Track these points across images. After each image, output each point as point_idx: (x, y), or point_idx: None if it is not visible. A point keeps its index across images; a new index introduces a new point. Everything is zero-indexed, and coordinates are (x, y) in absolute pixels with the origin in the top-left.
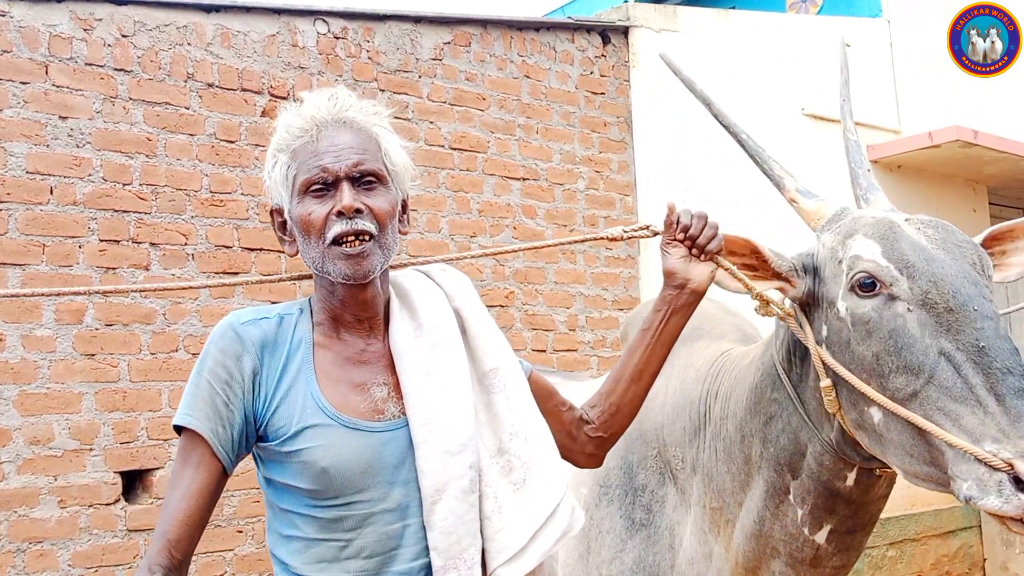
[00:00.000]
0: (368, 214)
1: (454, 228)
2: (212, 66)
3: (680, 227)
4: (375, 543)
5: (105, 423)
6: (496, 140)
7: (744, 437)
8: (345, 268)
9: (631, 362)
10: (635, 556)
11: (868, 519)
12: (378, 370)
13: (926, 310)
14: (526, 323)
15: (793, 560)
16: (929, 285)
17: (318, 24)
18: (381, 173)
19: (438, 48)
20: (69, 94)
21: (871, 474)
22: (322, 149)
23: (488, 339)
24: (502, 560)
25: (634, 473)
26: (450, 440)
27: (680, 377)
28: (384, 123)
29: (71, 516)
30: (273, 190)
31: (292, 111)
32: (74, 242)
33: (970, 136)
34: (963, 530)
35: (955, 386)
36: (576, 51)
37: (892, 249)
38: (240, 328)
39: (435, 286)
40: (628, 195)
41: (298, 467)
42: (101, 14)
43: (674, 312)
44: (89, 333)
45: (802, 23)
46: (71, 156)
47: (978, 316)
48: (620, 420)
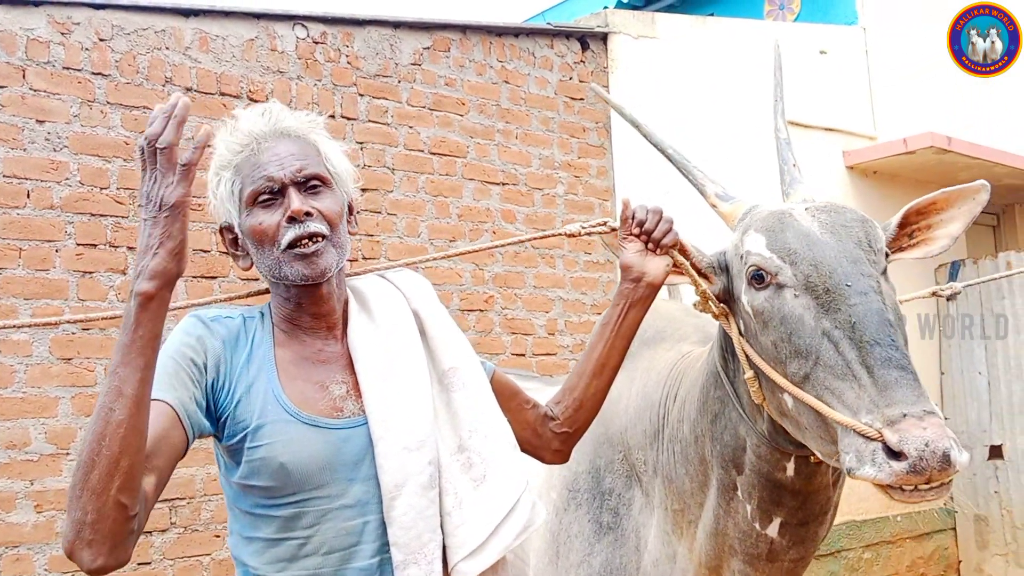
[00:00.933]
0: (318, 216)
1: (433, 232)
2: (190, 70)
3: (636, 222)
4: (334, 539)
5: (82, 428)
6: (475, 145)
7: (697, 438)
8: (302, 269)
9: (592, 357)
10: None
11: (818, 509)
12: (336, 369)
13: (809, 293)
14: (505, 327)
15: (749, 556)
16: (810, 269)
17: (297, 29)
18: (325, 176)
19: (417, 53)
20: (46, 98)
21: (808, 462)
22: (264, 160)
23: (447, 339)
24: (463, 555)
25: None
26: (408, 437)
27: (642, 380)
28: (320, 129)
29: (47, 521)
30: (220, 208)
31: (228, 129)
32: (51, 246)
33: (944, 142)
34: (938, 532)
35: (836, 364)
36: (555, 57)
37: (776, 240)
38: (207, 321)
39: (394, 288)
40: (607, 200)
41: (257, 464)
42: (79, 18)
43: (632, 305)
44: (66, 338)
45: (779, 30)
46: (48, 160)
47: (852, 292)
48: (584, 415)
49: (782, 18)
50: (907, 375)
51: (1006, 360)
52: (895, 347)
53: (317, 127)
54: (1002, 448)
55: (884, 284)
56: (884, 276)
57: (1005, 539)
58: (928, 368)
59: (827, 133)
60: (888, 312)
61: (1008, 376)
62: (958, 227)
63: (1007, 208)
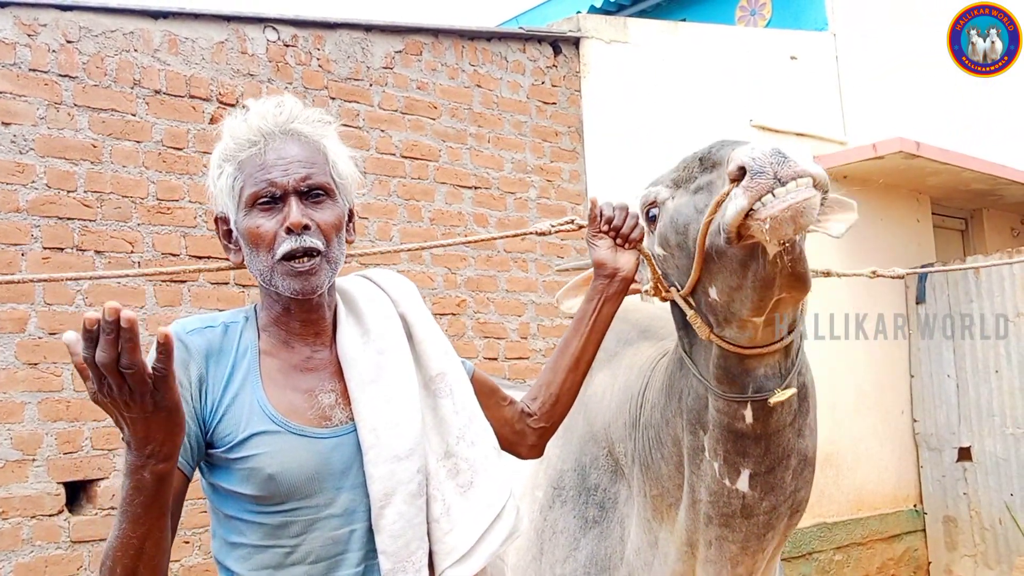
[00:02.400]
0: (316, 230)
1: (405, 236)
2: (159, 73)
3: (604, 219)
4: (321, 548)
5: (48, 433)
6: (447, 149)
7: (668, 421)
8: (294, 284)
9: (567, 352)
10: (588, 552)
11: (781, 452)
12: (325, 377)
13: (685, 183)
14: (478, 331)
15: (724, 517)
16: (681, 172)
17: (268, 31)
18: (328, 186)
19: (389, 57)
20: (12, 100)
21: (764, 406)
22: (270, 162)
23: (434, 344)
24: (450, 562)
25: (587, 474)
26: (398, 445)
27: (624, 375)
28: (331, 133)
29: (13, 528)
30: (218, 198)
31: (238, 119)
32: (17, 249)
33: (913, 148)
34: (908, 534)
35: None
36: (528, 61)
37: (648, 186)
38: (185, 337)
39: (381, 292)
40: (579, 204)
41: (244, 474)
42: (45, 19)
43: (606, 300)
44: (32, 342)
45: (750, 36)
46: (14, 163)
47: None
48: (560, 409)
49: (753, 24)
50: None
51: (974, 363)
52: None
53: (329, 131)
54: (971, 450)
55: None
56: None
57: (974, 540)
58: (897, 371)
59: (797, 138)
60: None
61: (976, 379)
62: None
63: (975, 212)
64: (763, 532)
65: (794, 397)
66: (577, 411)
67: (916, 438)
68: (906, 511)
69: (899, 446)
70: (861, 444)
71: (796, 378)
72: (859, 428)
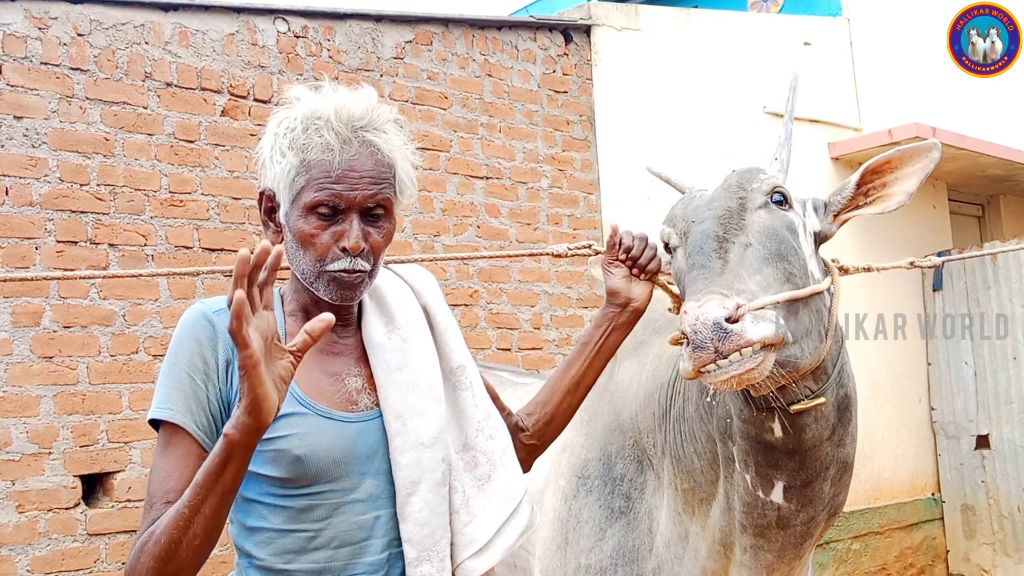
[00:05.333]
0: (368, 252)
1: (417, 227)
2: (170, 65)
3: (623, 248)
4: (346, 533)
5: (64, 426)
6: (459, 139)
7: (701, 417)
8: (336, 293)
9: (568, 374)
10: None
11: (820, 467)
12: (350, 362)
13: (683, 244)
14: (491, 322)
15: (759, 528)
16: (682, 223)
17: (278, 23)
18: (390, 203)
19: (399, 47)
20: (24, 94)
21: (795, 420)
22: (339, 174)
23: (455, 337)
24: (469, 553)
25: (613, 463)
26: (423, 433)
27: (653, 365)
28: (402, 143)
29: (30, 521)
30: (270, 177)
31: (312, 103)
32: (30, 243)
33: (928, 133)
34: (926, 523)
35: (684, 285)
36: (538, 50)
37: (669, 213)
38: (212, 316)
39: (404, 283)
40: (591, 193)
41: (270, 455)
42: (56, 13)
43: (615, 329)
44: (47, 335)
45: (763, 22)
46: (27, 156)
47: (694, 226)
48: (553, 429)
49: (766, 10)
50: (704, 271)
51: (992, 351)
52: (703, 252)
53: (400, 141)
54: (988, 438)
55: (748, 214)
56: (764, 208)
57: (992, 528)
58: (914, 359)
59: (812, 125)
60: (714, 228)
61: (994, 366)
62: (913, 183)
63: (992, 198)
64: (800, 542)
65: (831, 410)
66: (602, 399)
67: (933, 426)
68: (924, 499)
69: (916, 434)
70: (878, 433)
71: (836, 390)
72: (876, 417)
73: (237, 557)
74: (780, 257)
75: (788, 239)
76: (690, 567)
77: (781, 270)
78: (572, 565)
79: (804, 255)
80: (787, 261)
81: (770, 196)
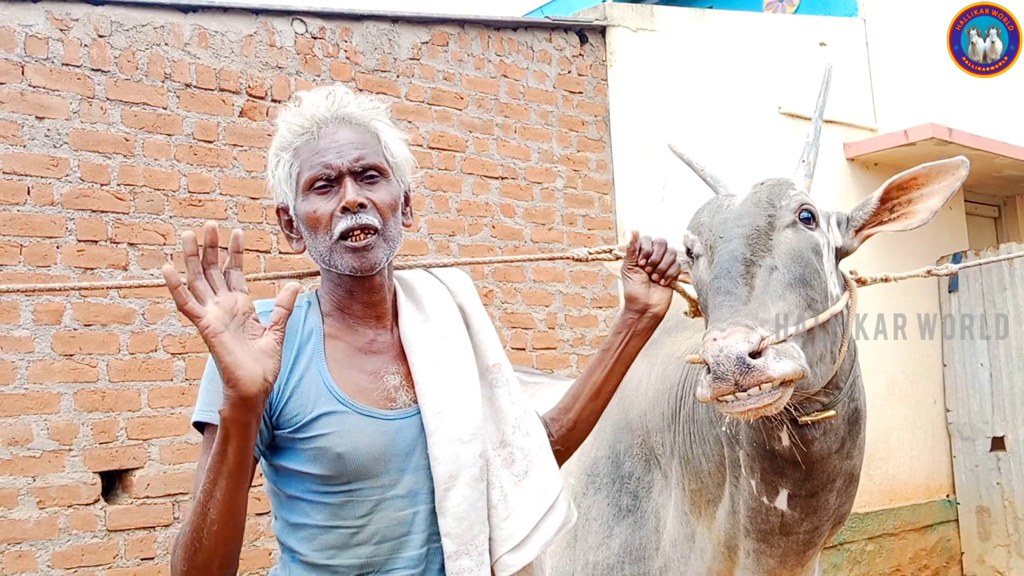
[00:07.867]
0: (371, 208)
1: (433, 227)
2: (190, 66)
3: (642, 253)
4: (387, 528)
5: (84, 423)
6: (474, 139)
7: (711, 419)
8: (352, 261)
9: (590, 381)
10: (622, 541)
11: (827, 479)
12: (388, 359)
13: (708, 255)
14: (505, 321)
15: (762, 533)
16: (708, 235)
17: (296, 24)
18: (382, 167)
19: (416, 48)
20: (46, 94)
21: (804, 430)
22: (324, 146)
23: (490, 335)
24: (507, 548)
25: (621, 462)
26: (461, 428)
27: (663, 364)
28: (383, 117)
29: (50, 517)
30: (277, 188)
31: (292, 110)
32: (52, 242)
33: (945, 134)
34: (941, 524)
35: (705, 309)
36: (554, 50)
37: (694, 218)
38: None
39: (438, 282)
40: (606, 193)
41: (312, 453)
42: (77, 14)
43: (634, 335)
44: (67, 333)
45: (779, 22)
46: (48, 156)
47: (721, 243)
48: (577, 435)
49: (782, 10)
50: (730, 297)
51: (1008, 352)
52: (729, 276)
53: (379, 114)
54: (1004, 440)
55: (776, 234)
56: (792, 227)
57: (1007, 530)
58: (930, 360)
59: (827, 125)
60: (742, 249)
61: (1010, 367)
62: (937, 201)
63: (1008, 200)
64: (803, 549)
65: (840, 423)
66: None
67: (949, 428)
68: (939, 501)
69: (931, 436)
70: (893, 434)
71: (847, 403)
72: (891, 418)
73: (280, 552)
74: (803, 283)
75: (812, 262)
76: (696, 567)
77: (804, 296)
78: (580, 562)
79: (825, 275)
80: (810, 286)
81: (798, 214)
